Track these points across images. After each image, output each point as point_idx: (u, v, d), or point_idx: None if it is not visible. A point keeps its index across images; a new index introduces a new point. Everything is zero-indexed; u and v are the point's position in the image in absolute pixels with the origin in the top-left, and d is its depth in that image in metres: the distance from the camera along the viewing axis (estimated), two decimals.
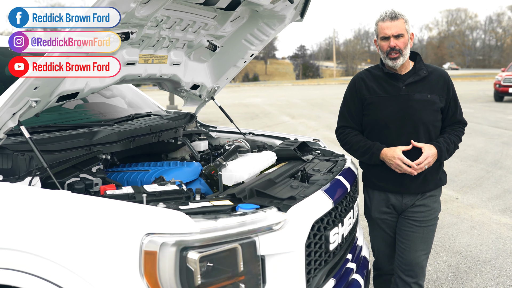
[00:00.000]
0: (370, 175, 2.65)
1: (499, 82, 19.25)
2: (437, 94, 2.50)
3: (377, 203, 2.64)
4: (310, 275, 1.88)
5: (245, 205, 1.76)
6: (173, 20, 2.44)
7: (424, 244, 2.56)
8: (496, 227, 4.74)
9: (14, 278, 1.60)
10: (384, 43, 2.46)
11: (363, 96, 2.57)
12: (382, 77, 2.56)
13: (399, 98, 2.48)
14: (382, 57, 2.53)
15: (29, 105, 1.87)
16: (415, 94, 2.47)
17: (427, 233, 2.56)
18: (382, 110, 2.50)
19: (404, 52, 2.43)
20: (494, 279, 3.62)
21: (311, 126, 13.18)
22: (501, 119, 13.63)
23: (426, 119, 2.47)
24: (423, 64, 2.55)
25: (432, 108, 2.48)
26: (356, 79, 2.66)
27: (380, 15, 2.48)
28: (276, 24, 2.87)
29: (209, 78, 3.25)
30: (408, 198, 2.55)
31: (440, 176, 2.59)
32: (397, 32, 2.41)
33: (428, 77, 2.52)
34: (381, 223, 2.66)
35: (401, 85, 2.49)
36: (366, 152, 2.52)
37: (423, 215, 2.54)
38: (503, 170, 7.13)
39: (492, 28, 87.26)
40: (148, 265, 1.48)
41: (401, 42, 2.42)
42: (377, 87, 2.54)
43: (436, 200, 2.59)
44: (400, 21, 2.42)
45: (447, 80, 2.55)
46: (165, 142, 2.88)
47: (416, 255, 2.55)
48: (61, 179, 1.99)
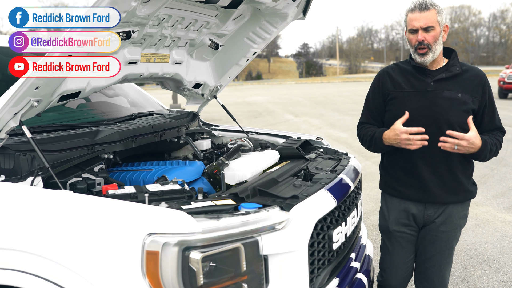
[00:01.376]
0: (389, 179, 2.47)
1: (503, 79, 19.16)
2: (470, 94, 2.26)
3: (396, 214, 2.43)
4: (313, 275, 1.87)
5: (248, 205, 1.74)
6: (175, 18, 2.43)
7: (448, 260, 2.43)
8: (501, 225, 4.72)
9: (16, 278, 1.60)
10: (413, 36, 2.25)
11: (387, 91, 2.39)
12: (409, 71, 2.36)
13: (425, 94, 2.28)
14: (411, 52, 2.32)
15: (31, 104, 1.87)
16: (444, 91, 2.26)
17: (451, 250, 2.41)
18: (406, 106, 2.28)
19: (433, 47, 2.22)
20: (500, 277, 3.59)
21: (315, 124, 13.15)
22: (505, 116, 13.55)
23: (453, 119, 2.23)
24: (457, 61, 2.33)
25: (461, 108, 2.24)
26: (381, 74, 2.47)
27: (410, 5, 2.25)
28: (278, 22, 2.85)
29: (212, 76, 3.24)
30: (431, 209, 2.33)
31: (471, 188, 2.37)
32: (426, 25, 2.19)
33: (462, 75, 2.29)
34: (399, 237, 2.45)
35: (430, 81, 2.29)
36: (372, 141, 2.38)
37: (449, 235, 2.35)
38: (508, 168, 7.10)
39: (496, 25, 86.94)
40: (150, 265, 1.47)
41: (430, 35, 2.20)
42: (403, 81, 2.35)
43: (464, 216, 2.38)
44: (431, 12, 2.19)
45: (483, 81, 2.31)
46: (167, 141, 2.87)
47: (441, 275, 2.41)
48: (63, 179, 1.99)
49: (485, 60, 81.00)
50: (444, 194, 2.31)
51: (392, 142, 2.25)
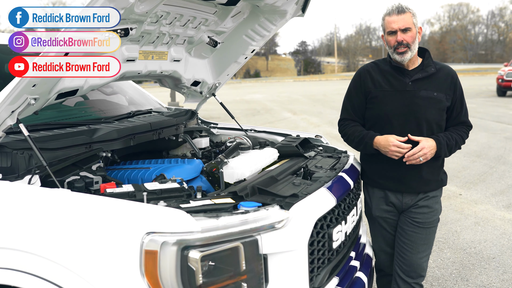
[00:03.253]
0: (370, 172, 2.61)
1: (502, 77, 19.18)
2: (444, 93, 2.44)
3: (377, 201, 2.59)
4: (313, 274, 1.86)
5: (247, 203, 1.73)
6: (173, 15, 2.42)
7: (425, 246, 2.53)
8: (500, 223, 4.72)
9: (13, 278, 1.59)
10: (391, 37, 2.40)
11: (368, 89, 2.51)
12: (388, 71, 2.50)
13: (404, 93, 2.43)
14: (389, 52, 2.46)
15: (28, 102, 1.85)
16: (421, 90, 2.42)
17: (429, 234, 2.53)
18: (386, 105, 2.45)
19: (412, 46, 2.38)
20: (499, 275, 3.59)
21: (313, 122, 13.15)
22: (504, 114, 13.58)
23: (430, 117, 2.41)
24: (431, 61, 2.49)
25: (437, 107, 2.42)
26: (361, 71, 2.59)
27: (387, 9, 2.42)
28: (277, 20, 2.83)
29: (210, 74, 3.23)
30: (408, 197, 2.50)
31: (441, 177, 2.55)
32: (404, 26, 2.35)
33: (436, 75, 2.46)
34: (382, 222, 2.61)
35: (408, 81, 2.44)
36: (361, 142, 2.49)
37: (426, 216, 2.50)
38: (507, 166, 7.10)
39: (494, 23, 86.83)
40: (149, 265, 1.46)
41: (408, 36, 2.36)
42: (382, 81, 2.49)
43: (437, 201, 2.55)
44: (407, 14, 2.36)
45: (454, 79, 2.49)
46: (166, 139, 2.86)
47: (417, 257, 2.51)
48: (60, 177, 1.97)
49: (484, 58, 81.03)
50: (419, 185, 2.48)
51: (380, 148, 2.41)
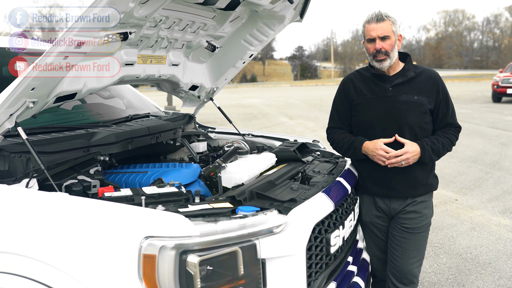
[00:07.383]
0: (359, 178, 2.60)
1: (497, 83, 19.27)
2: (425, 96, 2.43)
3: (367, 207, 2.59)
4: (311, 279, 1.86)
5: (245, 208, 1.73)
6: (172, 20, 2.42)
7: (416, 251, 2.51)
8: (496, 229, 4.73)
9: (11, 282, 1.58)
10: (370, 45, 2.42)
11: (351, 97, 2.55)
12: (370, 78, 2.53)
13: (385, 99, 2.45)
14: (369, 59, 2.49)
15: (26, 106, 1.85)
16: (401, 95, 2.43)
17: (419, 240, 2.51)
18: (368, 111, 2.48)
19: (391, 54, 2.39)
20: (495, 281, 3.60)
21: (310, 127, 13.16)
22: (499, 120, 13.63)
23: (411, 121, 2.41)
24: (411, 65, 2.51)
25: (419, 110, 2.42)
26: (345, 81, 2.64)
27: (367, 17, 2.43)
28: (275, 25, 2.85)
29: (208, 79, 3.23)
30: (396, 202, 2.49)
31: (431, 181, 2.53)
32: (383, 34, 2.37)
33: (416, 78, 2.47)
34: (373, 228, 2.61)
35: (388, 86, 2.46)
36: (350, 148, 2.51)
37: (415, 221, 2.48)
38: (502, 171, 7.13)
39: (490, 29, 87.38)
40: (147, 269, 1.45)
41: (387, 44, 2.38)
42: (364, 88, 2.52)
43: (427, 206, 2.52)
44: (386, 22, 2.37)
45: (437, 81, 2.48)
46: (163, 143, 2.86)
47: (408, 263, 2.50)
48: (58, 181, 1.96)
49: (479, 64, 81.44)
50: (407, 190, 2.47)
51: (368, 152, 2.42)
